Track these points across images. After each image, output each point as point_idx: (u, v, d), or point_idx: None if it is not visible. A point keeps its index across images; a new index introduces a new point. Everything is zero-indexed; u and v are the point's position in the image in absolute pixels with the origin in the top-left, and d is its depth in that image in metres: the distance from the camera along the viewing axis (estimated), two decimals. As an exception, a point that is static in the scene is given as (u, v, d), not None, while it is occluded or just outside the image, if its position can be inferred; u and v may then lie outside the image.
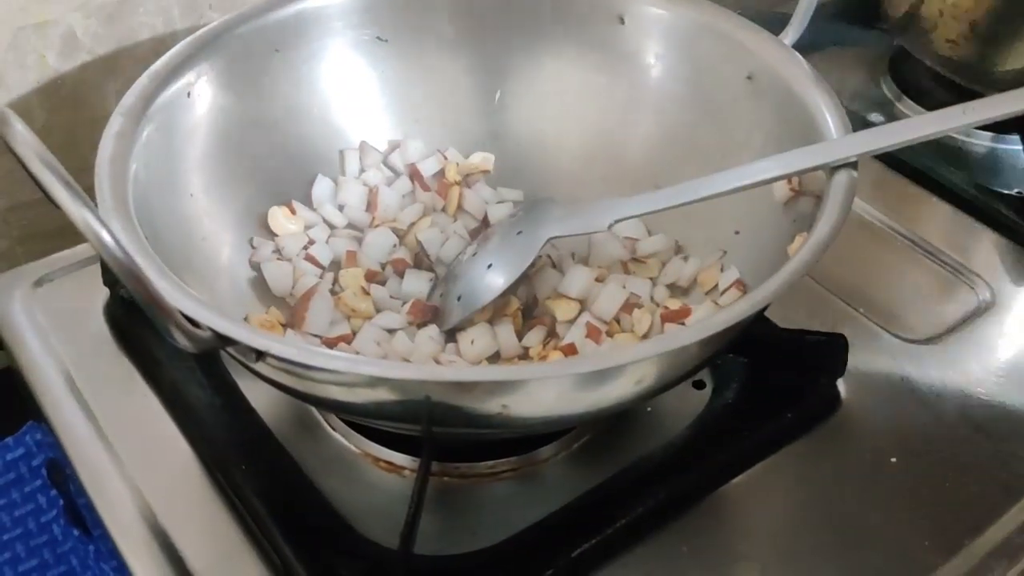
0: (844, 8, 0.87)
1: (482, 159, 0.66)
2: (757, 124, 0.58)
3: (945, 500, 0.52)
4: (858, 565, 0.50)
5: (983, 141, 0.77)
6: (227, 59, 0.58)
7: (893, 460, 0.54)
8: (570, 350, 0.54)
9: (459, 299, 0.57)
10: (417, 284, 0.60)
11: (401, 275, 0.61)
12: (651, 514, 0.51)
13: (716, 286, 0.57)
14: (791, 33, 0.59)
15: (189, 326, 0.40)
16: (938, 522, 0.51)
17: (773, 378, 0.57)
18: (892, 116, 0.80)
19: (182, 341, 0.39)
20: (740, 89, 0.59)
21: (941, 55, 0.75)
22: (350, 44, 0.64)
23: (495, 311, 0.58)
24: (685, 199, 0.54)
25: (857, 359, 0.57)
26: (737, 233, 0.58)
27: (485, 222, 0.64)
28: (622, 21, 0.63)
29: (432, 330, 0.56)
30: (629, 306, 0.57)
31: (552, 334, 0.57)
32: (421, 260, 0.62)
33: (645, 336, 0.56)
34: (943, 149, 0.76)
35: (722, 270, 0.58)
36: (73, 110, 0.66)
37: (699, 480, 0.53)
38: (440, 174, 0.65)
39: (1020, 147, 0.74)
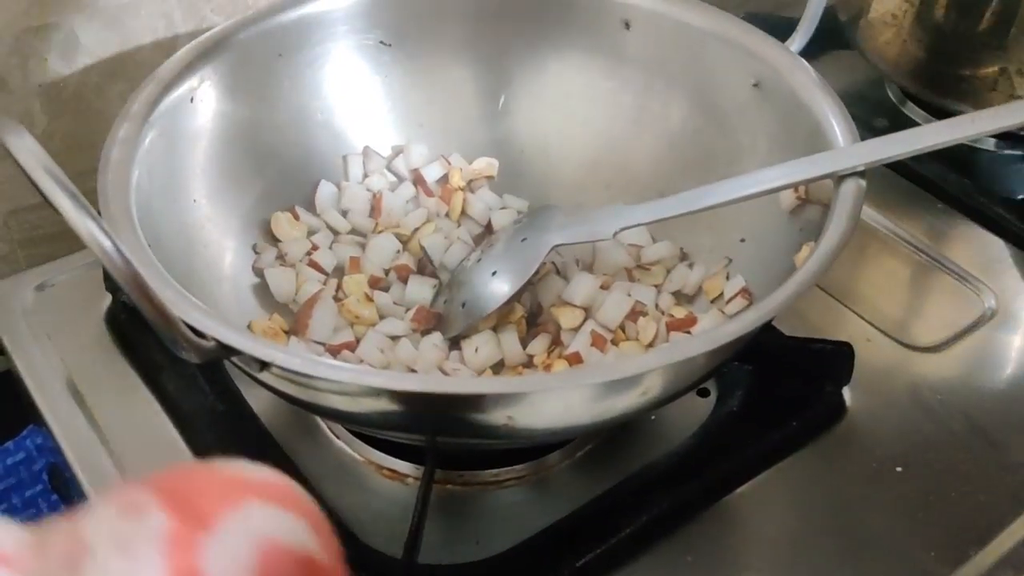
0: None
1: (486, 164, 0.66)
2: (763, 131, 0.58)
3: (951, 509, 0.52)
4: (863, 574, 0.50)
5: (989, 147, 0.76)
6: (230, 64, 0.58)
7: (899, 469, 0.54)
8: (575, 359, 0.54)
9: (463, 306, 0.57)
10: (421, 290, 0.59)
11: (405, 281, 0.60)
12: (655, 523, 0.51)
13: (722, 294, 0.57)
14: (798, 39, 0.59)
15: (193, 337, 0.39)
16: (944, 532, 0.51)
17: (778, 386, 0.57)
18: (897, 120, 0.79)
19: (186, 352, 0.39)
20: (746, 96, 0.58)
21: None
22: (354, 48, 0.64)
23: (499, 318, 0.57)
24: (691, 207, 0.54)
25: (863, 367, 0.57)
26: (743, 241, 0.58)
27: (489, 228, 0.64)
28: (627, 26, 0.63)
29: (436, 337, 0.56)
30: (634, 314, 0.57)
31: (556, 342, 0.57)
32: (425, 266, 0.62)
33: (650, 345, 0.56)
34: (949, 155, 0.75)
35: (728, 278, 0.57)
36: (75, 114, 0.65)
37: (704, 489, 0.53)
38: (444, 179, 0.65)
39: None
